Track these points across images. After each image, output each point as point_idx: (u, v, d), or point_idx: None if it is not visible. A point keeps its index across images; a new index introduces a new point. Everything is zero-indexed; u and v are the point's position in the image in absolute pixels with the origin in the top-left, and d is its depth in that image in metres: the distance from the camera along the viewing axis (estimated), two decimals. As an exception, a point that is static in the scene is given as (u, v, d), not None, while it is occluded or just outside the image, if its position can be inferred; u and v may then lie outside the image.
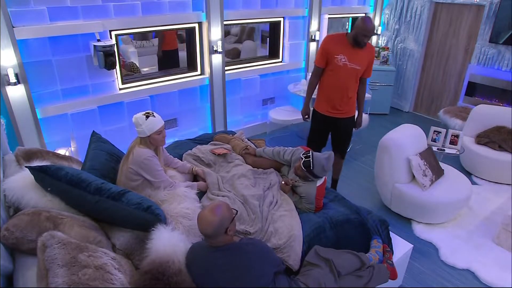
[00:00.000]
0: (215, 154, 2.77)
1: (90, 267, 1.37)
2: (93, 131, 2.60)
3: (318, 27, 5.13)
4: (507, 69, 4.82)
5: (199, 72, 4.36)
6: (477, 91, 5.17)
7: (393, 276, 2.10)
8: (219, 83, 4.42)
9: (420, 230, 3.22)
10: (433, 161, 3.36)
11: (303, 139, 5.05)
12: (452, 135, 3.77)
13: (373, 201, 3.65)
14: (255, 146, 3.06)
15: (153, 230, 1.70)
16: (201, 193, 2.43)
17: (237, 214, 1.78)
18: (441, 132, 3.80)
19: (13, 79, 2.93)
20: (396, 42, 6.06)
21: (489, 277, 2.70)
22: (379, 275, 2.01)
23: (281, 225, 2.16)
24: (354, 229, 2.28)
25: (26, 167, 1.84)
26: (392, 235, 2.46)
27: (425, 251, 3.00)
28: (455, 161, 4.31)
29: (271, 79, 5.10)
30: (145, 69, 5.31)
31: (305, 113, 3.31)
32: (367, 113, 3.32)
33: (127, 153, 2.23)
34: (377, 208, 3.53)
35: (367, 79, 3.19)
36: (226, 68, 4.45)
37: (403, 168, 3.24)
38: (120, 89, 3.78)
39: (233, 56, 5.82)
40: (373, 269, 2.00)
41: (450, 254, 2.93)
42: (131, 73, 4.65)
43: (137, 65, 4.95)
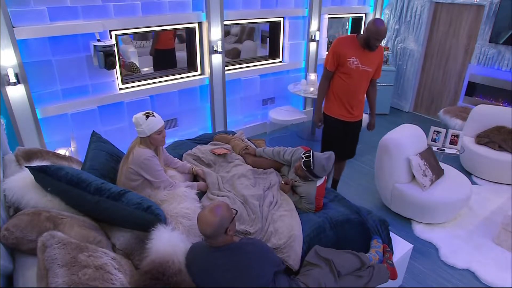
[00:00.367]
0: (215, 154, 2.77)
1: (90, 267, 1.37)
2: (93, 131, 2.60)
3: (318, 27, 5.13)
4: (507, 69, 4.82)
5: (199, 72, 4.36)
6: (477, 91, 5.17)
7: (393, 276, 2.10)
8: (219, 83, 4.42)
9: (420, 230, 3.22)
10: (433, 161, 3.36)
11: (303, 139, 5.06)
12: (452, 135, 3.77)
13: (373, 201, 3.65)
14: (255, 146, 3.06)
15: (153, 230, 1.70)
16: (201, 193, 2.44)
17: (237, 214, 1.78)
18: (441, 132, 3.79)
19: (13, 79, 2.93)
20: (396, 42, 6.06)
21: (489, 277, 2.70)
22: (379, 275, 2.01)
23: (281, 225, 2.16)
24: (354, 229, 2.28)
25: (26, 167, 1.84)
26: (392, 235, 2.46)
27: (425, 251, 3.00)
28: (455, 161, 4.31)
29: (271, 79, 5.10)
30: (145, 69, 5.30)
31: (319, 119, 3.14)
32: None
33: (127, 153, 2.23)
34: (377, 208, 3.53)
35: (376, 80, 3.14)
36: (226, 68, 4.45)
37: (403, 168, 3.24)
38: (120, 89, 3.79)
39: (233, 56, 5.81)
40: (373, 269, 2.00)
41: (450, 254, 2.93)
42: (131, 73, 4.64)
43: (137, 65, 4.95)
